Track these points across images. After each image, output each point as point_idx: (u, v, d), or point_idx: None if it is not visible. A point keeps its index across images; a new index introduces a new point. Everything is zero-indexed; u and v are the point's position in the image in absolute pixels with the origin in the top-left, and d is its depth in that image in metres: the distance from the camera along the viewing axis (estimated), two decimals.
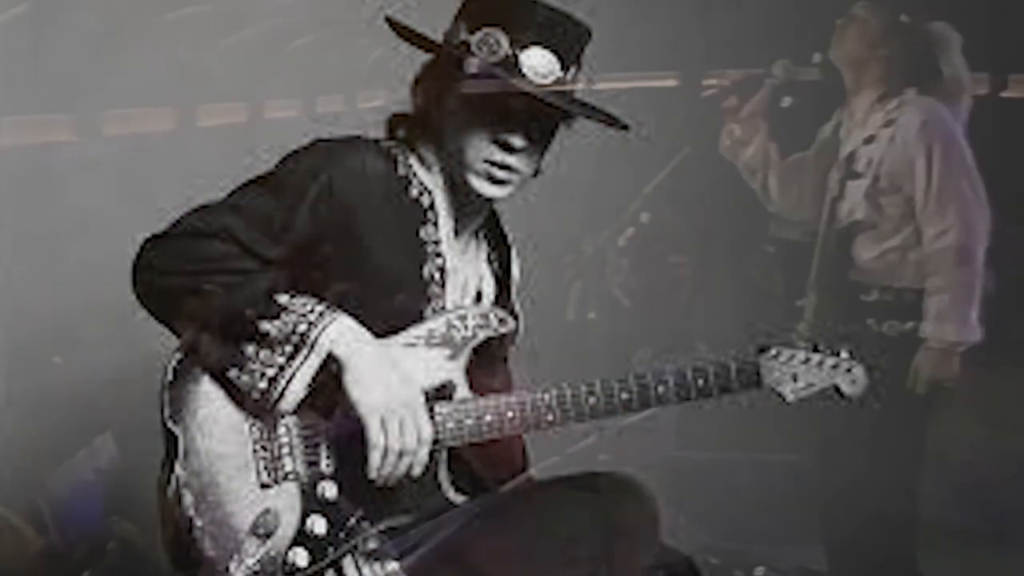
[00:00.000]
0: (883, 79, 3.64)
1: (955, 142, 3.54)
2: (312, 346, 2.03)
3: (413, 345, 2.16)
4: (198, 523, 2.04)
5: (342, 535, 2.09)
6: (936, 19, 3.68)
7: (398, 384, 2.06)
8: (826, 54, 3.79)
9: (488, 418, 2.15)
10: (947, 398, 3.59)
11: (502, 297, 2.36)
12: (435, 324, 2.19)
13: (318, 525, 2.09)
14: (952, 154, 3.52)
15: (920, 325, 3.54)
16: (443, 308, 2.22)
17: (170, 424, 2.07)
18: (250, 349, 2.05)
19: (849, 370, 2.27)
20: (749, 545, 4.13)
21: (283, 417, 2.10)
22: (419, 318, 2.19)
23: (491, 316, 2.24)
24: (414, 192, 2.21)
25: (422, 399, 2.09)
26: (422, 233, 2.21)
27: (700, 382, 2.21)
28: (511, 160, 2.16)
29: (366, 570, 2.11)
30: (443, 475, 2.18)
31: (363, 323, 2.08)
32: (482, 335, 2.22)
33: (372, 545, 2.11)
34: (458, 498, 2.20)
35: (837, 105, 3.81)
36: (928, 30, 3.66)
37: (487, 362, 2.26)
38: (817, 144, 3.86)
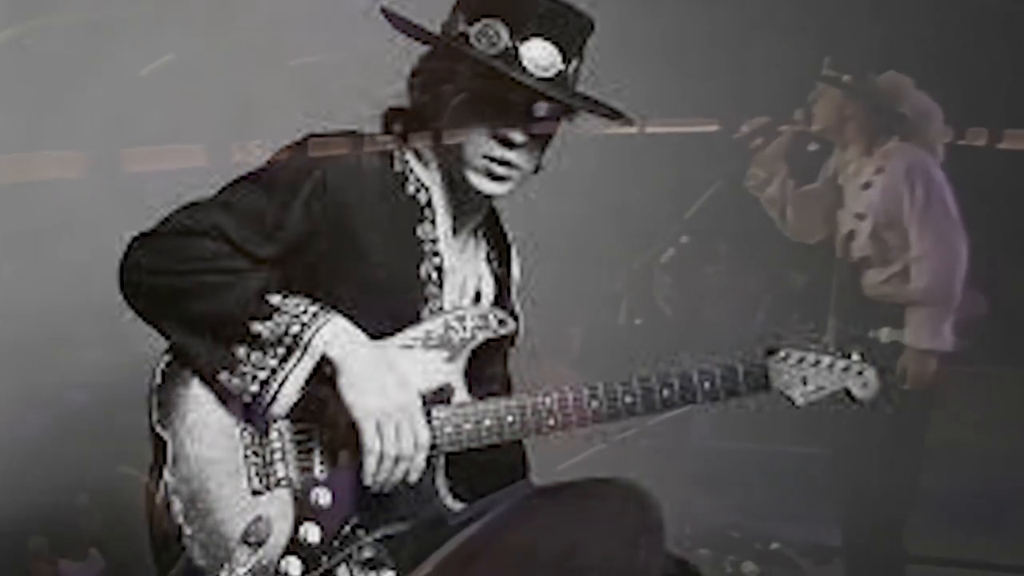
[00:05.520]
0: (861, 134, 4.20)
1: (933, 179, 4.06)
2: (305, 348, 1.99)
3: (410, 347, 2.11)
4: (187, 531, 1.98)
5: (336, 543, 2.04)
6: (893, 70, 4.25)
7: (394, 387, 2.01)
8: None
9: (487, 423, 2.10)
10: (943, 402, 4.14)
11: (502, 297, 2.31)
12: (433, 325, 2.13)
13: (311, 533, 2.03)
14: (931, 190, 4.04)
15: None
16: (441, 309, 2.17)
17: (158, 429, 2.02)
18: (241, 351, 2.00)
19: (860, 373, 2.22)
20: (767, 523, 4.81)
21: (275, 421, 2.05)
22: (416, 319, 2.14)
23: (490, 317, 2.19)
24: (411, 189, 2.16)
25: (419, 403, 2.04)
26: (419, 231, 2.15)
27: (706, 385, 2.16)
28: (511, 156, 2.10)
29: None
30: (440, 481, 2.13)
31: (358, 324, 2.04)
32: (481, 337, 2.16)
33: (367, 554, 2.06)
34: (456, 505, 2.14)
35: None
36: (879, 82, 4.21)
37: (486, 365, 2.21)
38: (821, 180, 4.40)
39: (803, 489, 4.74)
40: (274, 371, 1.99)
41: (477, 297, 2.27)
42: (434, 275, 2.16)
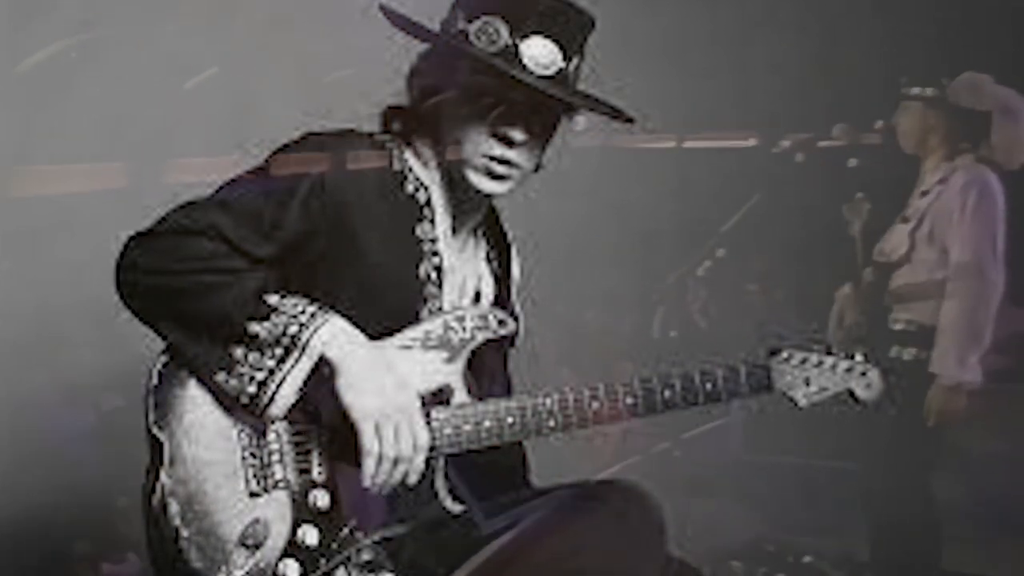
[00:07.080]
0: (944, 142, 4.09)
1: (991, 204, 3.94)
2: (303, 348, 1.97)
3: (409, 348, 2.09)
4: (184, 533, 1.96)
5: (334, 546, 2.02)
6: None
7: (393, 388, 1.99)
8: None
9: (487, 424, 2.08)
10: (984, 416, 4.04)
11: (502, 298, 2.29)
12: (432, 326, 2.12)
13: (309, 535, 2.01)
14: (983, 213, 3.92)
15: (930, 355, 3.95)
16: (440, 309, 2.15)
17: (155, 430, 2.00)
18: (239, 352, 1.98)
19: (864, 374, 2.21)
20: (800, 537, 4.84)
21: (273, 423, 2.03)
22: (415, 319, 2.12)
23: (490, 317, 2.17)
24: (410, 188, 2.14)
25: (418, 404, 2.02)
26: (418, 231, 2.13)
27: (708, 386, 2.14)
28: (511, 154, 2.09)
29: None
30: (440, 483, 2.11)
31: (357, 325, 2.02)
32: (481, 337, 2.14)
33: (366, 556, 2.04)
34: (455, 507, 2.13)
35: (899, 163, 4.29)
36: (959, 84, 4.08)
37: (486, 365, 2.19)
38: None
39: (837, 503, 4.78)
40: (272, 372, 1.97)
41: (477, 297, 2.25)
42: (433, 275, 2.14)
